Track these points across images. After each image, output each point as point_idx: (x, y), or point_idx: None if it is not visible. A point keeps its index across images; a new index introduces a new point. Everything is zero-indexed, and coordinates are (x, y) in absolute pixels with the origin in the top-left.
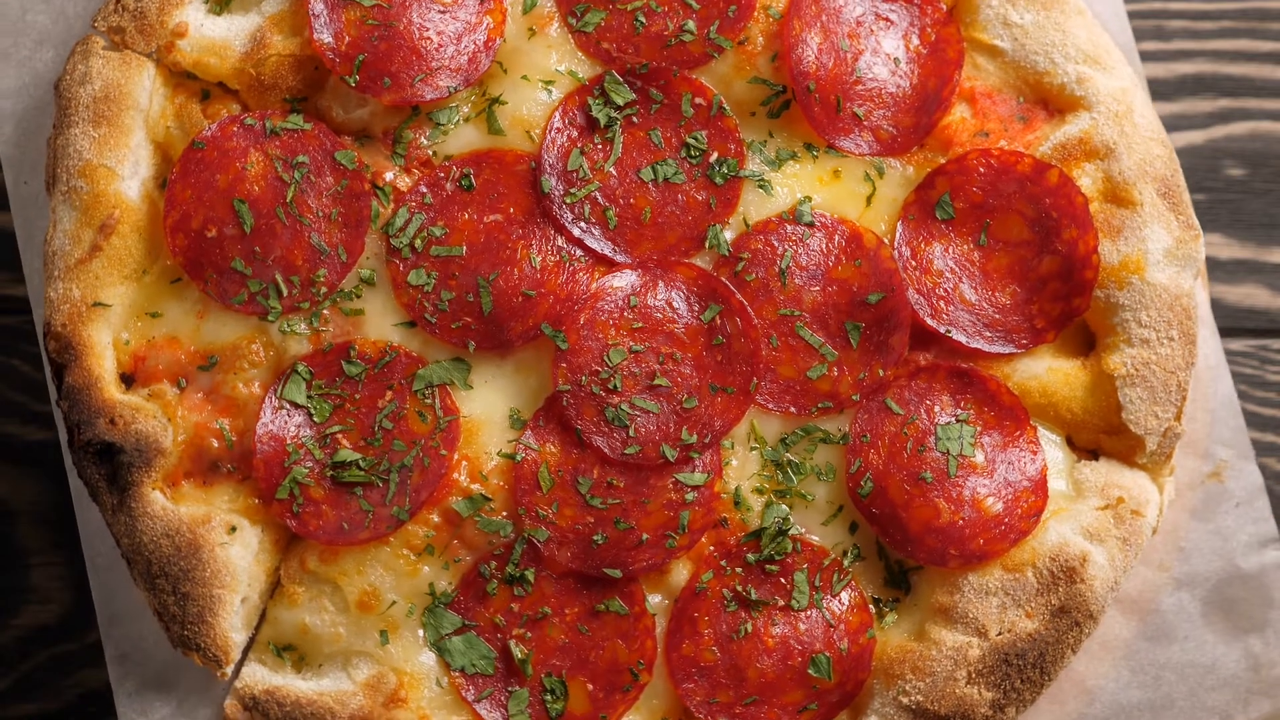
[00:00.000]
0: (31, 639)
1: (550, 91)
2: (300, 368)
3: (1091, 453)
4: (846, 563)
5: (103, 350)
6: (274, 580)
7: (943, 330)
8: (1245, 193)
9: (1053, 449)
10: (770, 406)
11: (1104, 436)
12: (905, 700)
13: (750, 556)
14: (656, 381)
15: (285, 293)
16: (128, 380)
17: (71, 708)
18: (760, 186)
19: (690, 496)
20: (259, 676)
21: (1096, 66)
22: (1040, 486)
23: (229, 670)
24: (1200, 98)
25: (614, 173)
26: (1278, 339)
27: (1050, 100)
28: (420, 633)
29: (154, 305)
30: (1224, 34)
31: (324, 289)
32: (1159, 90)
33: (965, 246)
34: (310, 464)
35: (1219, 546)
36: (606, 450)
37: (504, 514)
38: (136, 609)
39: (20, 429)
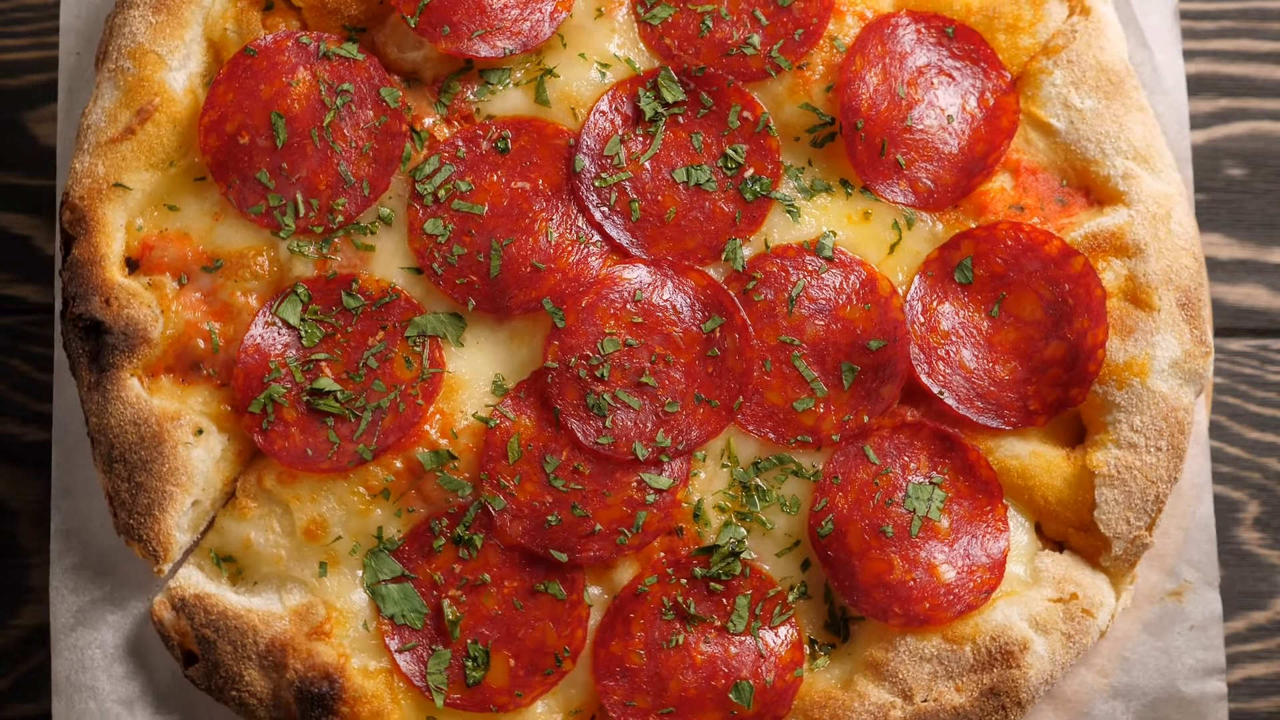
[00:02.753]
0: (31, 639)
1: (604, 74)
2: (300, 289)
3: (1058, 544)
4: (791, 598)
5: (114, 231)
6: (229, 491)
7: (935, 390)
8: (1245, 193)
9: (1020, 532)
10: (750, 428)
11: (1073, 531)
12: None
13: (698, 571)
14: (644, 379)
15: (302, 213)
16: (132, 265)
17: None
18: (788, 211)
19: (651, 498)
20: (194, 581)
21: (1145, 166)
22: (998, 566)
23: (166, 568)
24: (1200, 98)
25: (648, 167)
26: (1278, 339)
27: (1092, 189)
28: (359, 573)
29: (173, 198)
30: (1224, 34)
31: (340, 218)
32: None
33: (976, 314)
34: (289, 385)
35: (1164, 665)
36: (580, 435)
37: (466, 475)
38: (91, 489)
39: (20, 429)
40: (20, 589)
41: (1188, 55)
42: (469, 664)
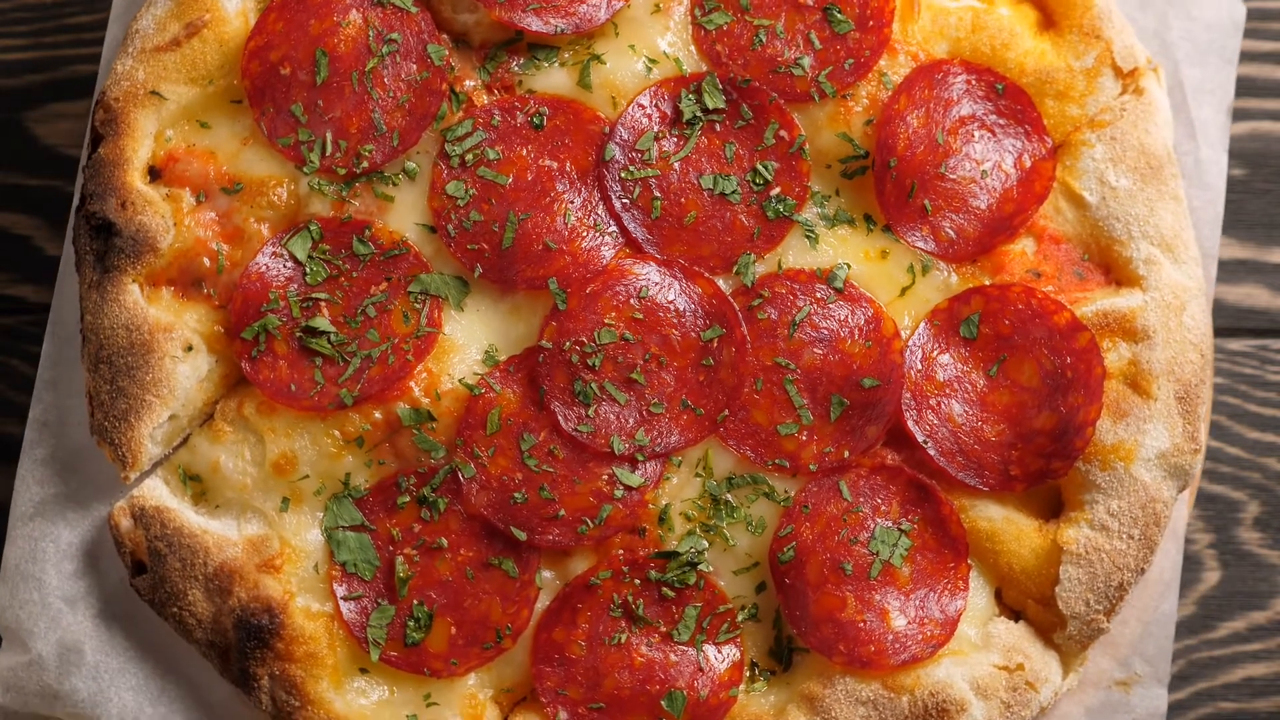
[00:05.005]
0: None
1: (650, 69)
2: (313, 226)
3: (1015, 613)
4: (741, 617)
5: (143, 137)
6: (208, 413)
7: (920, 438)
8: (1245, 193)
9: (978, 594)
10: (730, 443)
11: (1032, 603)
12: None
13: (653, 574)
14: (634, 375)
15: (328, 152)
16: (154, 174)
17: None
18: (807, 236)
19: (620, 494)
20: (157, 493)
21: (1169, 255)
22: (950, 624)
23: (133, 476)
24: None
25: (677, 168)
26: (1278, 339)
27: (1113, 268)
28: (319, 515)
29: (206, 116)
30: None
31: (365, 164)
32: None
33: (974, 371)
34: (285, 318)
35: None
36: (561, 419)
37: (442, 438)
38: (75, 388)
39: (20, 429)
40: None
41: None
42: (411, 624)
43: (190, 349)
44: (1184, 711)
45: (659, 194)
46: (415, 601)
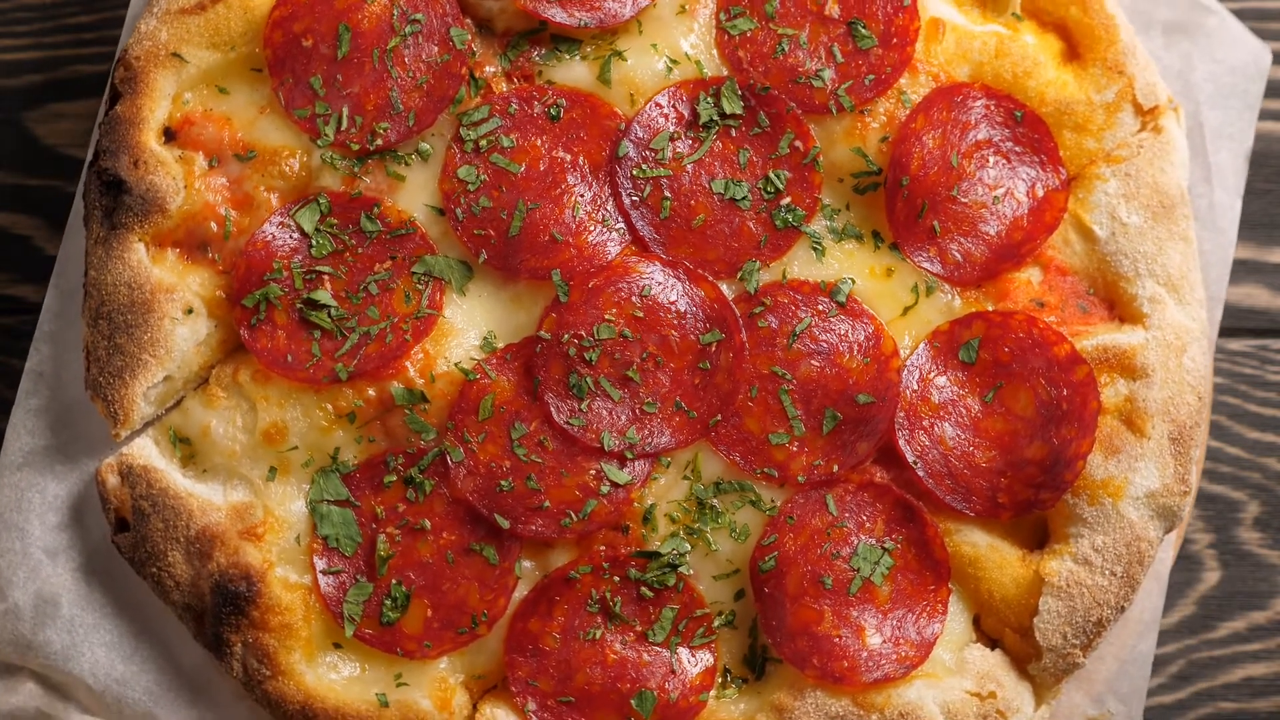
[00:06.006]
0: None
1: (671, 70)
2: (322, 199)
3: (992, 641)
4: (717, 623)
5: (161, 98)
6: (203, 377)
7: (910, 459)
8: (1246, 193)
9: (957, 619)
10: (720, 448)
11: (1010, 631)
12: None
13: (633, 573)
14: (630, 373)
15: (344, 127)
16: (169, 136)
17: None
18: (814, 248)
19: (606, 489)
20: (146, 453)
21: (1174, 295)
22: (926, 646)
23: (124, 434)
24: None
25: (689, 170)
26: (1278, 339)
27: (1117, 304)
28: (305, 487)
29: (226, 82)
30: None
31: (379, 141)
32: None
33: (970, 396)
34: (287, 289)
35: None
36: (553, 411)
37: (433, 421)
38: (74, 342)
39: None
40: None
41: None
42: (387, 603)
43: (190, 312)
44: (1184, 711)
45: (669, 194)
46: (394, 581)
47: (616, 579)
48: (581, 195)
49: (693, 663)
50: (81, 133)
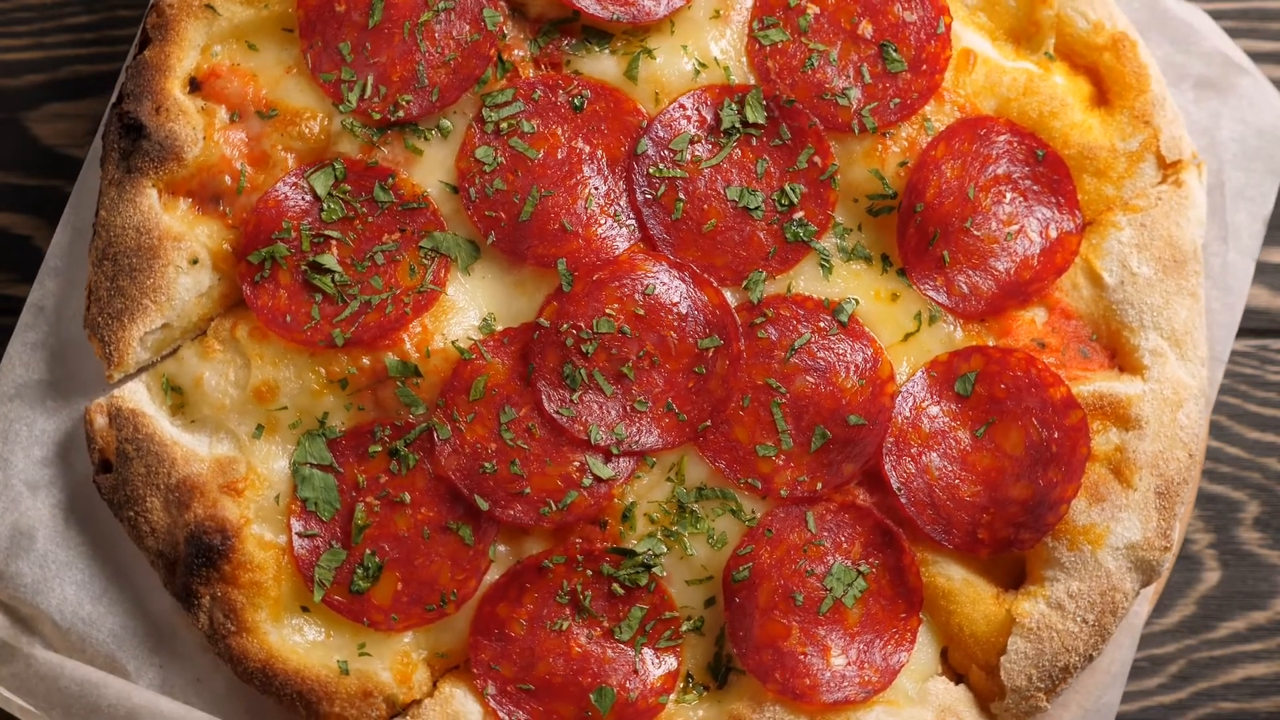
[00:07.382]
0: None
1: (698, 73)
2: (338, 165)
3: (958, 676)
4: (685, 628)
5: (190, 48)
6: (201, 329)
7: (894, 485)
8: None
9: (924, 650)
10: (706, 454)
11: (976, 668)
12: None
13: (606, 568)
14: (625, 370)
15: (367, 95)
16: (194, 86)
17: None
18: (822, 265)
19: (588, 482)
20: (137, 397)
21: (1176, 350)
22: (890, 673)
23: (117, 375)
24: None
25: (706, 174)
26: (1278, 339)
27: (1119, 353)
28: (290, 448)
29: (256, 39)
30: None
31: (401, 114)
32: None
33: (961, 429)
34: (294, 250)
35: None
36: (544, 399)
37: (424, 396)
38: (79, 280)
39: None
40: None
41: None
42: (359, 571)
43: (195, 262)
44: (1184, 711)
45: (683, 196)
46: (368, 551)
47: (589, 573)
48: (596, 188)
49: (656, 664)
50: (82, 133)
